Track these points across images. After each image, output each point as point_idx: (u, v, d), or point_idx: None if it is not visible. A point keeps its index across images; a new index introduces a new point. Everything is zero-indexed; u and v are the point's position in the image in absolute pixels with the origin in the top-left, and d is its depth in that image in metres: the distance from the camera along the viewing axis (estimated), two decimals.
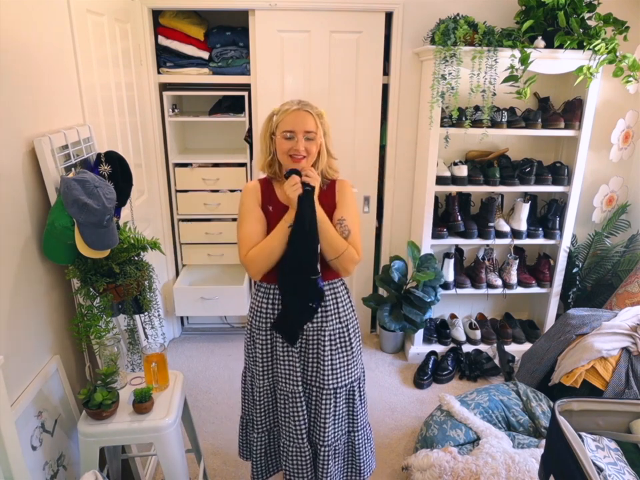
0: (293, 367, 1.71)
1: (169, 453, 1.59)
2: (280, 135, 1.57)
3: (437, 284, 2.85)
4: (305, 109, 1.58)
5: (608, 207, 3.06)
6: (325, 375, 1.69)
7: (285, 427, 1.77)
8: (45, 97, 1.69)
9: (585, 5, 2.43)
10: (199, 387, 2.77)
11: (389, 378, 2.90)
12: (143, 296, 1.83)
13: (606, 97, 2.86)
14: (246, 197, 1.66)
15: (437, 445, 2.10)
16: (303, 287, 1.61)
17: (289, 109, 1.57)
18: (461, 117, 2.61)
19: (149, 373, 1.66)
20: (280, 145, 1.58)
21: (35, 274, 1.61)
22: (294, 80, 2.82)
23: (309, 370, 1.72)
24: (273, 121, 1.61)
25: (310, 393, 1.75)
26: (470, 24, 2.45)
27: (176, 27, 2.79)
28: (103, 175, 1.79)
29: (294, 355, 1.70)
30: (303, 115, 1.57)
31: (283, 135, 1.56)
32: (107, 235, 1.61)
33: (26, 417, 1.48)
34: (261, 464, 1.88)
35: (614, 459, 1.45)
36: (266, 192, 1.68)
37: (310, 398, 1.75)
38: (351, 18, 2.72)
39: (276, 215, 1.63)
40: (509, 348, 3.00)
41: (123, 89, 2.44)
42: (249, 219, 1.64)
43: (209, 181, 3.06)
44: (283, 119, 1.57)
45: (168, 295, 3.15)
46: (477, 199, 2.99)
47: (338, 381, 1.72)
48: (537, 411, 2.23)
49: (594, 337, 2.25)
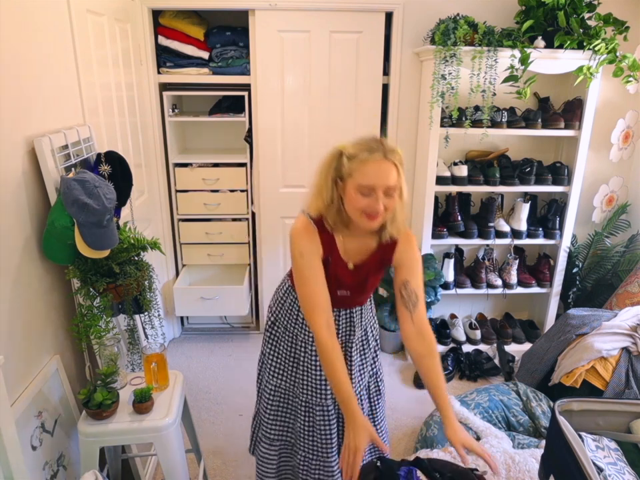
0: (320, 379, 1.60)
1: (169, 453, 1.59)
2: (354, 188, 1.30)
3: (437, 284, 2.85)
4: (389, 159, 1.29)
5: (608, 207, 3.06)
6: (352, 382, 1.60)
7: (309, 441, 1.66)
8: (45, 96, 1.69)
9: (585, 5, 2.43)
10: (198, 387, 2.77)
11: (388, 378, 2.90)
12: (143, 296, 1.83)
13: (606, 97, 2.86)
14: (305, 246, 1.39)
15: (437, 444, 2.10)
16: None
17: (368, 158, 1.28)
18: (460, 117, 2.61)
19: (149, 373, 1.66)
20: (353, 200, 1.32)
21: (35, 274, 1.61)
22: (294, 80, 2.82)
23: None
24: (344, 166, 1.32)
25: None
26: (470, 24, 2.45)
27: (176, 27, 2.79)
28: (103, 174, 1.79)
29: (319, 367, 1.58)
30: (387, 168, 1.29)
31: (359, 189, 1.30)
32: (107, 234, 1.61)
33: (26, 417, 1.48)
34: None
35: (614, 459, 1.45)
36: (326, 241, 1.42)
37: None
38: (351, 18, 2.72)
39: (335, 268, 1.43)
40: (509, 348, 3.00)
41: (123, 89, 2.44)
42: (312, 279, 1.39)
43: (209, 181, 3.06)
44: (361, 169, 1.29)
45: (168, 295, 3.15)
46: (477, 198, 2.99)
47: (362, 384, 1.68)
48: (537, 411, 2.23)
49: (594, 337, 2.25)
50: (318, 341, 1.40)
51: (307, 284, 1.41)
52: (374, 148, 1.30)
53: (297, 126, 2.91)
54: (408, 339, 1.48)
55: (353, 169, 1.30)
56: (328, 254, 1.44)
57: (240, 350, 3.17)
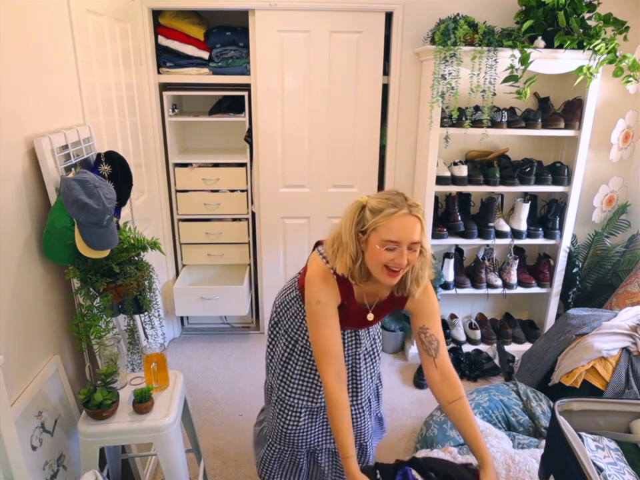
0: (314, 383, 1.67)
1: (169, 453, 1.59)
2: (379, 243, 1.29)
3: (437, 284, 2.85)
4: (414, 214, 1.28)
5: (608, 207, 3.06)
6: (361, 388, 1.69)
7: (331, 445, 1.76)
8: (45, 96, 1.69)
9: (585, 5, 2.43)
10: (198, 387, 2.77)
11: (388, 378, 2.90)
12: (143, 296, 1.83)
13: (606, 97, 2.86)
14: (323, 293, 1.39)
15: (437, 444, 2.09)
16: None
17: (395, 213, 1.27)
18: (460, 117, 2.61)
19: (148, 373, 1.66)
20: (377, 254, 1.30)
21: (35, 274, 1.61)
22: (294, 80, 2.82)
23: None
24: (368, 220, 1.31)
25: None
26: (470, 24, 2.45)
27: (176, 27, 2.79)
28: (103, 174, 1.79)
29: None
30: (412, 223, 1.28)
31: (384, 244, 1.28)
32: (107, 234, 1.61)
33: (26, 417, 1.48)
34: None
35: (614, 459, 1.45)
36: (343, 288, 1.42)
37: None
38: (351, 18, 2.72)
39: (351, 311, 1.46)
40: (509, 348, 3.00)
41: (123, 89, 2.44)
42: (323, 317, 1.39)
43: (208, 181, 3.06)
44: (387, 224, 1.28)
45: (168, 295, 3.15)
46: (477, 198, 2.99)
47: (370, 389, 1.73)
48: (537, 411, 2.23)
49: (594, 337, 2.25)
50: (327, 392, 1.38)
51: (321, 331, 1.39)
52: (399, 203, 1.29)
53: (297, 126, 2.91)
54: (434, 386, 1.46)
55: (378, 223, 1.29)
56: (344, 299, 1.44)
57: (240, 350, 3.17)
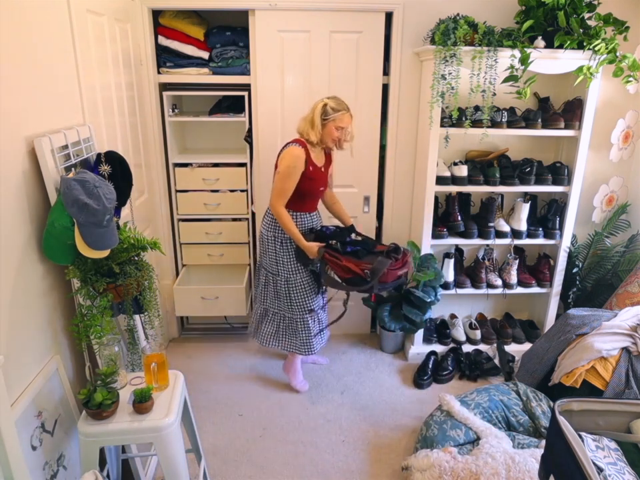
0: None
1: (169, 453, 1.59)
2: (335, 127, 2.32)
3: (437, 284, 2.85)
4: (350, 113, 2.35)
5: (608, 207, 3.06)
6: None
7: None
8: (45, 96, 1.69)
9: (585, 5, 2.43)
10: (199, 387, 2.77)
11: (388, 378, 2.90)
12: (143, 296, 1.83)
13: (606, 97, 2.86)
14: (297, 163, 2.30)
15: (437, 445, 2.10)
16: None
17: (345, 112, 2.32)
18: (460, 117, 2.61)
19: (148, 373, 1.66)
20: (332, 133, 2.33)
21: (35, 274, 1.61)
22: (294, 80, 2.82)
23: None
24: (329, 114, 2.29)
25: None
26: (470, 24, 2.45)
27: (176, 27, 2.79)
28: (103, 174, 1.79)
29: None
30: (350, 117, 2.35)
31: (337, 129, 2.32)
32: (107, 234, 1.61)
33: (26, 416, 1.48)
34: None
35: (614, 459, 1.45)
36: (308, 158, 2.34)
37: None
38: (351, 18, 2.72)
39: (313, 172, 2.37)
40: (509, 348, 3.00)
41: (123, 89, 2.44)
42: (292, 179, 2.30)
43: (208, 181, 3.06)
44: (340, 117, 2.30)
45: (168, 295, 3.15)
46: (477, 198, 2.99)
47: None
48: (537, 411, 2.23)
49: (594, 337, 2.25)
50: (279, 213, 2.35)
51: (286, 182, 2.32)
52: (346, 107, 2.34)
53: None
54: (325, 199, 2.65)
55: (335, 117, 2.31)
56: (308, 165, 2.35)
57: (240, 350, 3.17)
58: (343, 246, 2.41)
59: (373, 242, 2.55)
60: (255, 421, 2.52)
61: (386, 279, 2.27)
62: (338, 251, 2.36)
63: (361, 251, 2.38)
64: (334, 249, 2.37)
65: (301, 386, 2.78)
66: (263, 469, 2.21)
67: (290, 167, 2.30)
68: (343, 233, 2.50)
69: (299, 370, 2.82)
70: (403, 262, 2.35)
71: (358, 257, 2.34)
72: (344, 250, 2.39)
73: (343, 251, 2.38)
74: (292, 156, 2.31)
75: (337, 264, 2.31)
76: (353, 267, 2.27)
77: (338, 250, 2.36)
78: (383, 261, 2.26)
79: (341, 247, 2.40)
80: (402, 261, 2.35)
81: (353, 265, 2.28)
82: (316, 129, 2.30)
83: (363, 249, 2.39)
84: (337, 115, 2.29)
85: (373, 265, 2.25)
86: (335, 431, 2.46)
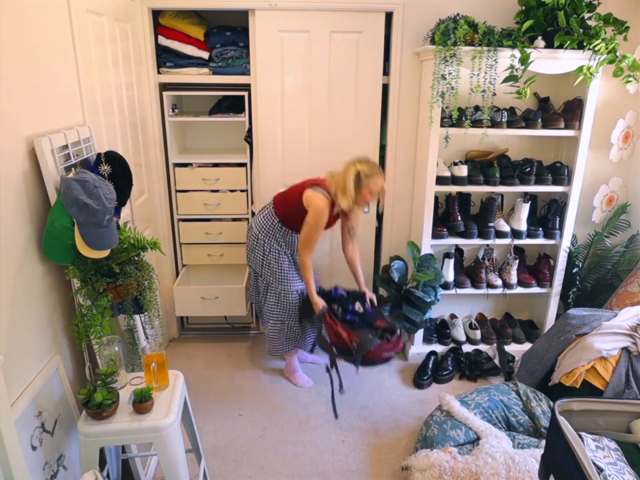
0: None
1: (169, 453, 1.59)
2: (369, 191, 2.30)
3: (437, 284, 2.85)
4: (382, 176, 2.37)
5: (608, 207, 3.06)
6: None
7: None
8: (45, 96, 1.69)
9: (585, 5, 2.43)
10: (198, 387, 2.77)
11: (388, 378, 2.90)
12: (143, 296, 1.83)
13: (606, 97, 2.86)
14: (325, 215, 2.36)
15: (437, 445, 2.10)
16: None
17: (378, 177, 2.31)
18: (461, 117, 2.61)
19: (148, 373, 1.66)
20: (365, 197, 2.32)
21: (35, 274, 1.61)
22: (294, 80, 2.82)
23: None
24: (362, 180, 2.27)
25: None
26: (470, 24, 2.45)
27: (176, 27, 2.79)
28: (103, 174, 1.80)
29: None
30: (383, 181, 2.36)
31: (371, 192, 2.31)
32: (107, 235, 1.61)
33: (26, 416, 1.48)
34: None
35: (614, 459, 1.45)
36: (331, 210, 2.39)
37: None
38: (351, 18, 2.72)
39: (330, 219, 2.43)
40: (509, 348, 3.00)
41: (123, 89, 2.44)
42: (320, 230, 2.39)
43: (208, 181, 3.06)
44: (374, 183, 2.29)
45: (168, 295, 3.15)
46: (477, 198, 2.99)
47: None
48: (537, 411, 2.23)
49: (594, 337, 2.25)
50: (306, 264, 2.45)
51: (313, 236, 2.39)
52: (377, 171, 2.32)
53: (297, 126, 2.91)
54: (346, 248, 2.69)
55: (368, 182, 2.29)
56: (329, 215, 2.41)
57: (240, 350, 3.17)
58: (344, 313, 2.52)
59: (375, 315, 2.56)
60: (255, 420, 2.52)
61: (372, 357, 2.34)
62: (337, 316, 2.47)
63: (357, 323, 2.48)
64: (334, 312, 2.49)
65: (304, 382, 2.81)
66: (262, 469, 2.21)
67: (319, 220, 2.35)
68: (349, 300, 2.58)
69: (297, 368, 2.84)
70: (393, 345, 2.39)
71: (353, 327, 2.43)
72: (343, 317, 2.50)
73: (342, 317, 2.49)
74: (320, 211, 2.33)
75: (331, 327, 2.42)
76: (343, 335, 2.37)
77: (337, 315, 2.47)
78: (372, 340, 2.33)
79: (342, 314, 2.51)
80: (393, 343, 2.40)
81: (345, 334, 2.37)
82: (349, 197, 2.28)
83: (361, 322, 2.48)
84: (370, 180, 2.27)
85: (360, 340, 2.33)
86: (334, 431, 2.46)
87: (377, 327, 2.48)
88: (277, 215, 2.53)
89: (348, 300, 2.61)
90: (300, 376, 2.83)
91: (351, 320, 2.51)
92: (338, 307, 2.53)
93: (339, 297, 2.63)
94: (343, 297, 2.63)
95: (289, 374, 2.85)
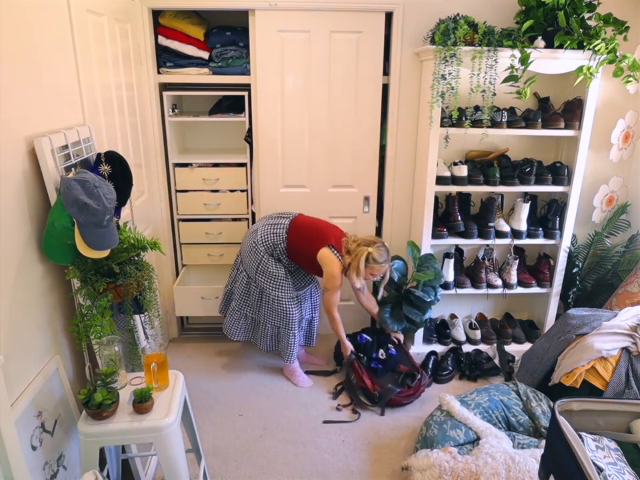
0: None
1: (169, 453, 1.59)
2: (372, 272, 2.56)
3: (437, 284, 2.85)
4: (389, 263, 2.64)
5: (608, 207, 3.06)
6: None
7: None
8: (45, 96, 1.69)
9: (585, 5, 2.43)
10: (198, 387, 2.77)
11: None
12: (143, 296, 1.83)
13: (606, 97, 2.86)
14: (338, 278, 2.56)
15: (437, 445, 2.10)
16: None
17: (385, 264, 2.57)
18: (461, 117, 2.61)
19: (148, 373, 1.66)
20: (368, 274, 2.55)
21: (35, 274, 1.61)
22: (294, 80, 2.82)
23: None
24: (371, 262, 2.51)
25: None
26: (470, 24, 2.45)
27: (176, 27, 2.79)
28: (103, 174, 1.80)
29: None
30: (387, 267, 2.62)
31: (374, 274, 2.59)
32: (107, 235, 1.61)
33: (26, 416, 1.48)
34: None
35: (614, 459, 1.45)
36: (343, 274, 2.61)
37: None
38: (351, 18, 2.72)
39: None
40: (509, 348, 3.00)
41: (123, 89, 2.44)
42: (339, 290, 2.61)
43: (208, 181, 3.06)
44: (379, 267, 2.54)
45: (168, 295, 3.15)
46: (477, 198, 2.99)
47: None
48: (537, 411, 2.23)
49: (594, 337, 2.25)
50: (334, 317, 2.69)
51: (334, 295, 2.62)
52: (386, 258, 2.56)
53: (297, 126, 2.91)
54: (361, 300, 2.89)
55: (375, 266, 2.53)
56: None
57: (240, 350, 3.17)
58: (369, 360, 2.75)
59: (398, 359, 2.79)
60: (255, 420, 2.52)
61: (393, 403, 2.59)
62: (363, 364, 2.72)
63: (380, 370, 2.70)
64: (360, 360, 2.74)
65: (304, 382, 2.81)
66: (262, 469, 2.21)
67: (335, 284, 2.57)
68: (373, 346, 2.83)
69: (296, 368, 2.84)
70: (413, 391, 2.61)
71: (376, 375, 2.68)
72: (368, 365, 2.73)
73: (367, 365, 2.73)
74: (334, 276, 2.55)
75: (358, 373, 2.66)
76: (368, 384, 2.61)
77: (363, 363, 2.72)
78: (392, 390, 2.57)
79: (367, 362, 2.75)
80: (413, 389, 2.61)
81: (369, 382, 2.62)
82: (361, 275, 2.54)
83: (384, 369, 2.72)
84: (376, 266, 2.52)
85: (382, 390, 2.58)
86: (334, 431, 2.46)
87: (399, 371, 2.71)
88: (286, 244, 2.61)
89: (372, 346, 2.83)
90: (300, 376, 2.83)
91: (375, 367, 2.72)
92: (363, 356, 2.76)
93: (364, 344, 2.84)
94: (368, 343, 2.85)
95: (289, 374, 2.85)
